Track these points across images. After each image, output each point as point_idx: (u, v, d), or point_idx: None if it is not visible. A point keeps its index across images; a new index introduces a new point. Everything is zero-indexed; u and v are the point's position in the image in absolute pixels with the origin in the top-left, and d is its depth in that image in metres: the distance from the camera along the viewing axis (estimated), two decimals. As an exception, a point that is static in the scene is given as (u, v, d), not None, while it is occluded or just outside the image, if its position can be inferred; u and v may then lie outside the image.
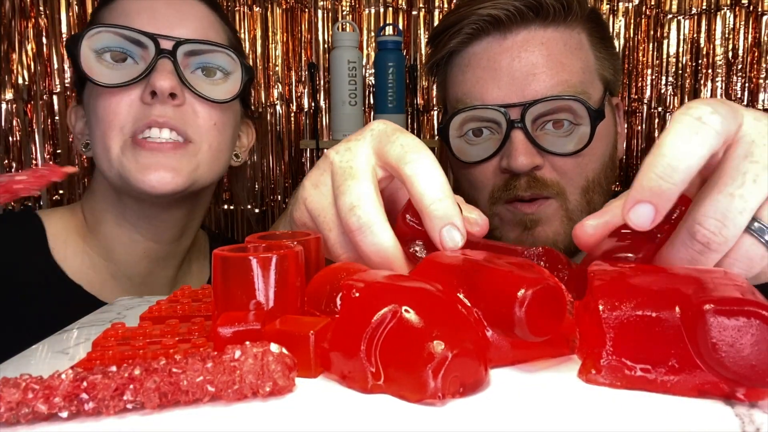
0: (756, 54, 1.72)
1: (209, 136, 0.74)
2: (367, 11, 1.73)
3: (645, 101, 1.76)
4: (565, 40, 0.75)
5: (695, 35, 1.73)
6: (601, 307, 0.35)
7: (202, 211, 0.85)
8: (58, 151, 1.60)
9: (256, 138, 0.89)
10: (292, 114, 1.74)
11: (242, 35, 1.72)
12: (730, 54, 1.72)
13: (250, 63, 1.69)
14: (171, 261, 0.84)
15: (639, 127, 1.76)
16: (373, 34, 1.73)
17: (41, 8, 1.61)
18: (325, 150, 1.70)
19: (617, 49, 0.91)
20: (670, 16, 1.73)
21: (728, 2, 1.70)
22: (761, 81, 1.72)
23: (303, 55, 1.73)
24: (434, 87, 0.94)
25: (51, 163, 0.69)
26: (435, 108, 1.76)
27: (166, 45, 0.71)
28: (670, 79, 1.75)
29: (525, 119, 0.71)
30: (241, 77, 0.76)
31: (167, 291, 0.84)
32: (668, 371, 0.33)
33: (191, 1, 0.76)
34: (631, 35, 1.74)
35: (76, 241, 0.79)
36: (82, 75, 0.71)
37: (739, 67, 1.72)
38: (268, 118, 1.74)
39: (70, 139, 1.59)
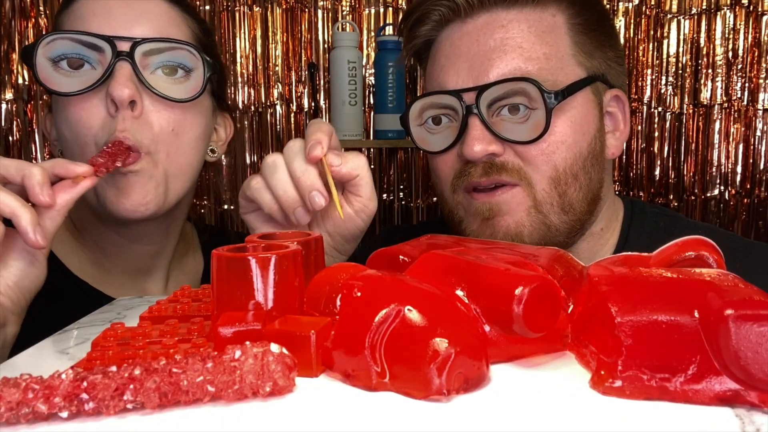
0: (756, 54, 1.72)
1: (166, 143, 0.72)
2: (367, 11, 1.73)
3: (645, 101, 1.76)
4: (531, 22, 0.72)
5: (695, 35, 1.73)
6: (614, 313, 0.34)
7: (185, 209, 0.84)
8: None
9: (234, 131, 0.88)
10: (292, 114, 1.74)
11: (242, 35, 1.72)
12: (730, 54, 1.72)
13: (250, 62, 1.69)
14: (161, 258, 0.84)
15: (639, 127, 1.76)
16: (373, 34, 1.73)
17: (41, 8, 1.61)
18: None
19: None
20: (670, 15, 1.73)
21: (728, 2, 1.70)
22: (761, 81, 1.72)
23: (303, 55, 1.73)
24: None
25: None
26: (435, 108, 1.76)
27: (123, 47, 0.69)
28: (670, 79, 1.75)
29: (480, 104, 0.69)
30: (203, 73, 0.73)
31: (162, 284, 0.85)
32: (688, 380, 0.32)
33: None
34: (631, 35, 1.74)
35: (70, 240, 0.80)
36: (41, 86, 0.70)
37: (739, 67, 1.72)
38: (268, 118, 1.74)
39: (46, 147, 1.60)
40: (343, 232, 0.66)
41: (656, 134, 1.77)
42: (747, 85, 1.73)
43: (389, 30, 1.69)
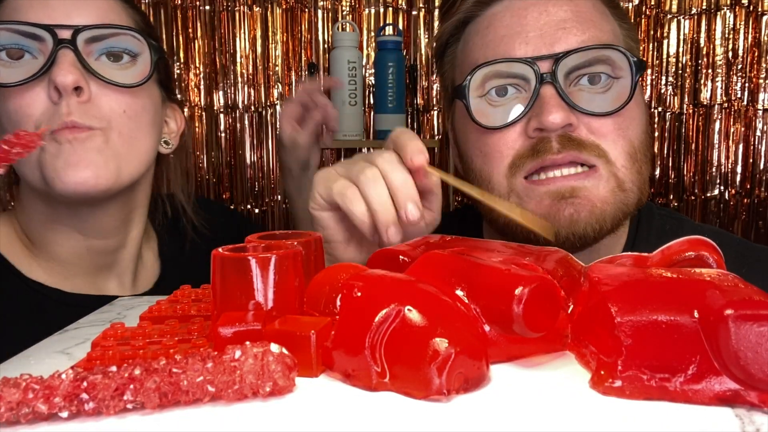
0: (756, 54, 1.72)
1: (119, 124, 0.70)
2: (367, 11, 1.73)
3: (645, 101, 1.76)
4: (593, 2, 0.71)
5: (695, 35, 1.73)
6: (614, 313, 0.34)
7: (144, 200, 0.82)
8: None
9: (184, 122, 0.85)
10: (292, 114, 1.74)
11: (242, 35, 1.72)
12: (730, 54, 1.72)
13: (250, 62, 1.70)
14: (123, 254, 0.81)
15: (639, 127, 1.76)
16: (373, 34, 1.73)
17: (41, 8, 1.61)
18: (326, 151, 1.71)
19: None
20: (670, 16, 1.73)
21: (728, 2, 1.70)
22: (761, 81, 1.72)
23: (303, 55, 1.73)
24: (437, 74, 0.85)
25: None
26: (435, 108, 1.76)
27: (65, 34, 0.67)
28: (670, 79, 1.75)
29: (557, 73, 0.65)
30: (150, 57, 0.72)
31: (129, 282, 0.82)
32: (688, 380, 0.32)
33: None
34: (631, 35, 1.74)
35: (21, 248, 0.77)
36: None
37: (739, 67, 1.73)
38: (268, 118, 1.74)
39: None
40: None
41: (656, 134, 1.77)
42: (747, 85, 1.73)
43: (389, 30, 1.69)
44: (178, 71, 1.69)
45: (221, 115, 1.73)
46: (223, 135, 1.74)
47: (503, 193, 0.69)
